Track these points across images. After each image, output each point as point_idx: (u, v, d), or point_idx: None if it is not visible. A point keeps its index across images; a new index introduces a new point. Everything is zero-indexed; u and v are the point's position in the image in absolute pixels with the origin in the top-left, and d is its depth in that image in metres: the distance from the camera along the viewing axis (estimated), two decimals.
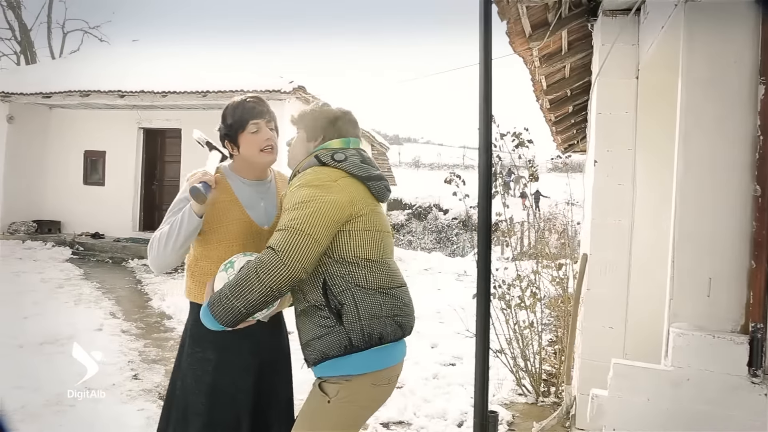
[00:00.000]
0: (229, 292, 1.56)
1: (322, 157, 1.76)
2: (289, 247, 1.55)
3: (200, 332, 1.84)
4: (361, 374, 1.65)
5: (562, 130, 7.59)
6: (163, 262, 1.80)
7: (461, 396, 3.85)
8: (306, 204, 1.61)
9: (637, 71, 2.78)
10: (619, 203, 2.84)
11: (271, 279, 1.53)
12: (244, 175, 1.96)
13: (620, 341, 2.83)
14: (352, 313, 1.63)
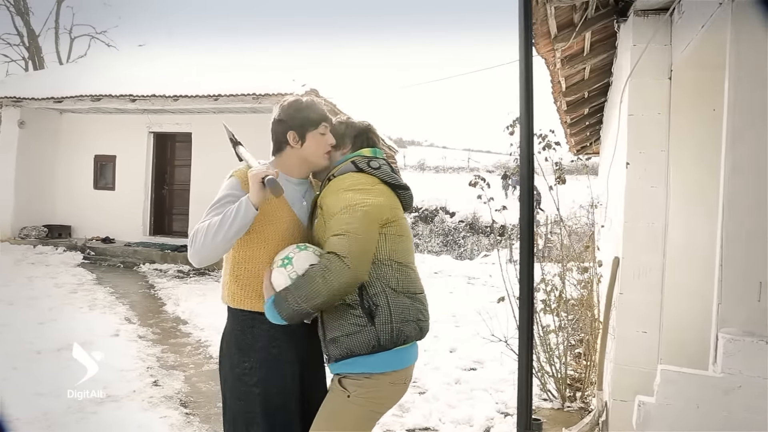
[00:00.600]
0: (297, 295, 1.63)
1: (359, 163, 1.86)
2: (352, 252, 1.62)
3: (247, 342, 1.84)
4: (382, 373, 1.72)
5: (577, 132, 7.56)
6: (208, 253, 1.73)
7: (486, 401, 3.80)
8: (355, 207, 1.69)
9: (670, 72, 2.73)
10: (651, 205, 2.79)
11: (338, 283, 1.61)
12: (291, 173, 1.94)
13: (654, 346, 2.78)
14: (384, 315, 1.70)
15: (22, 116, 10.41)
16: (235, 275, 1.86)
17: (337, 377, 1.77)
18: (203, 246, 1.71)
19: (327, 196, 1.80)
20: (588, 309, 3.89)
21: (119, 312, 6.13)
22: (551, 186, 3.55)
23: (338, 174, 1.86)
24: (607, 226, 3.84)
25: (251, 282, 1.83)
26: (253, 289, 1.83)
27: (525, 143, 1.94)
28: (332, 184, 1.83)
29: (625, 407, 2.83)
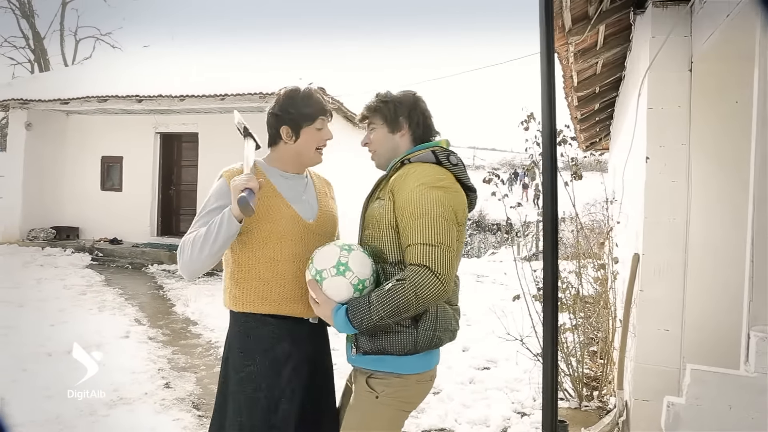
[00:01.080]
0: (383, 310, 1.52)
1: (439, 155, 1.70)
2: (443, 265, 1.53)
3: (250, 346, 1.78)
4: (411, 373, 1.65)
5: (586, 128, 7.49)
6: (197, 267, 1.69)
7: (502, 401, 3.75)
8: (441, 213, 1.57)
9: (690, 64, 2.67)
10: (673, 201, 2.73)
11: (430, 300, 1.53)
12: (285, 168, 1.87)
13: (677, 344, 2.72)
14: (430, 322, 1.62)
15: (29, 118, 10.42)
16: (235, 278, 1.80)
17: (363, 376, 1.68)
18: (191, 260, 1.68)
19: (405, 187, 1.61)
20: (604, 307, 3.83)
21: (129, 313, 6.11)
22: (567, 182, 3.49)
23: (415, 160, 1.69)
24: (624, 223, 3.78)
25: (252, 284, 1.77)
26: (254, 290, 1.77)
27: (548, 139, 1.88)
28: (411, 174, 1.63)
29: (647, 407, 2.78)
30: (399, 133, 1.77)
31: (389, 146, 1.78)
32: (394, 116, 1.76)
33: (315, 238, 1.82)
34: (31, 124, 10.44)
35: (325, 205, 1.94)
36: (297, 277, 1.77)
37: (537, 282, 3.66)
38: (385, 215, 1.65)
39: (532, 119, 3.55)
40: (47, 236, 10.41)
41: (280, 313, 1.78)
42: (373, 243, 1.69)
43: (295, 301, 1.78)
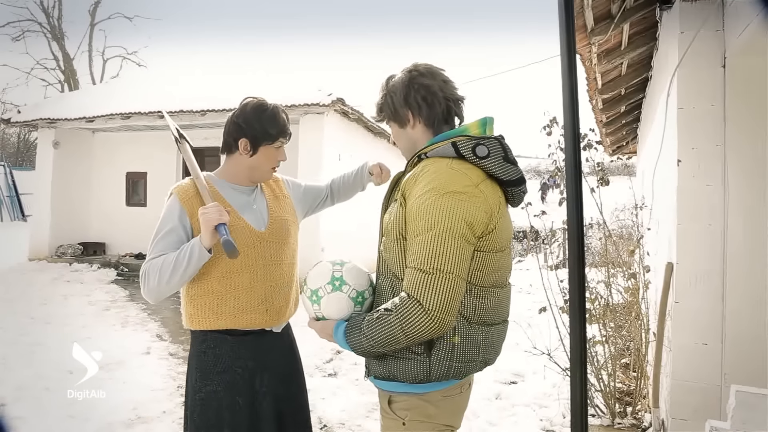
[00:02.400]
0: (373, 340, 1.35)
1: (461, 147, 1.40)
2: (436, 298, 1.28)
3: (207, 365, 1.73)
4: (432, 391, 1.43)
5: (612, 132, 7.28)
6: (164, 293, 1.68)
7: (529, 417, 3.59)
8: (446, 228, 1.30)
9: (723, 59, 2.51)
10: (708, 206, 2.56)
11: (421, 334, 1.30)
12: (235, 180, 1.85)
13: (717, 359, 2.54)
14: (446, 349, 1.38)
15: (56, 137, 10.63)
16: (189, 296, 1.75)
17: (383, 399, 1.49)
18: (158, 286, 1.65)
19: (414, 188, 1.38)
20: (636, 318, 3.64)
21: (150, 329, 6.10)
22: (593, 188, 3.33)
23: (432, 155, 1.42)
24: (655, 229, 3.60)
25: (207, 300, 1.73)
26: (209, 307, 1.72)
27: (571, 143, 1.76)
28: (422, 175, 1.38)
29: (685, 426, 2.60)
30: (408, 126, 1.52)
31: (406, 143, 1.55)
32: (395, 110, 1.52)
33: (268, 246, 1.80)
34: (58, 143, 10.65)
35: (277, 211, 1.90)
36: (251, 288, 1.74)
37: (564, 292, 3.49)
38: (396, 223, 1.40)
39: (554, 124, 3.41)
40: (75, 252, 10.57)
41: (237, 327, 1.73)
42: (386, 254, 1.45)
43: (251, 311, 1.74)
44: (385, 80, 1.56)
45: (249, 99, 1.85)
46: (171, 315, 6.93)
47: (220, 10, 42.33)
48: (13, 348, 4.95)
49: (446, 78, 1.52)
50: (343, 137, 9.23)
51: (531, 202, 3.55)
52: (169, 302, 7.66)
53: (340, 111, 8.68)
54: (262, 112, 1.80)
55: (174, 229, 1.71)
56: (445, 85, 1.50)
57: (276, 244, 1.83)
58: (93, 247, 10.88)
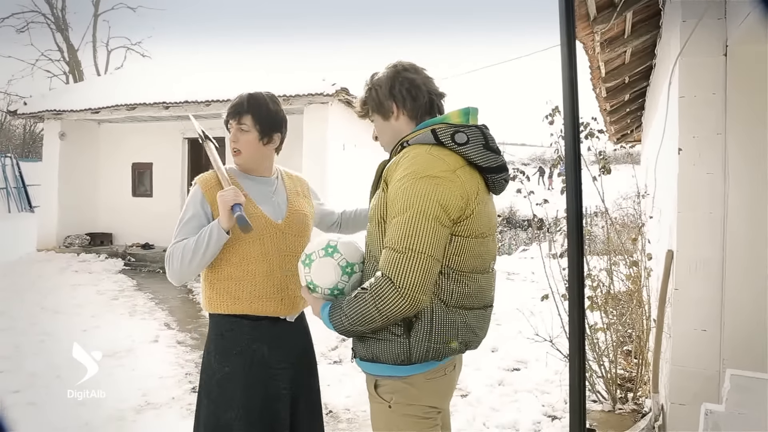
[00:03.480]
0: (352, 319, 1.40)
1: (440, 134, 1.46)
2: (407, 276, 1.32)
3: (226, 346, 1.81)
4: (414, 374, 1.48)
5: (617, 120, 7.26)
6: (187, 275, 1.77)
7: (532, 404, 3.64)
8: (420, 210, 1.35)
9: (725, 48, 2.52)
10: (708, 194, 2.58)
11: (395, 313, 1.35)
12: (249, 172, 1.93)
13: (715, 345, 2.57)
14: (423, 331, 1.42)
15: (62, 128, 10.69)
16: (209, 280, 1.84)
17: (370, 383, 1.55)
18: (180, 269, 1.75)
19: (394, 174, 1.44)
20: (638, 305, 3.67)
21: (158, 318, 6.19)
22: (595, 177, 3.35)
23: (413, 142, 1.48)
24: (657, 217, 3.62)
25: (225, 285, 1.81)
26: (227, 291, 1.80)
27: (570, 131, 1.78)
28: (403, 160, 1.44)
29: (684, 411, 2.64)
30: (392, 117, 1.58)
31: (390, 135, 1.60)
32: (379, 102, 1.59)
33: (284, 238, 1.86)
34: (64, 134, 10.71)
35: (296, 204, 1.96)
36: (267, 276, 1.81)
37: (566, 280, 3.53)
38: (377, 208, 1.47)
39: (557, 113, 3.42)
40: (82, 243, 10.67)
41: (253, 312, 1.80)
42: (369, 239, 1.52)
43: (267, 299, 1.80)
44: (369, 77, 1.64)
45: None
46: (178, 304, 7.02)
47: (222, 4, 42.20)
48: (24, 337, 5.04)
49: (429, 75, 1.60)
50: (347, 127, 9.24)
51: (534, 191, 3.59)
52: (176, 291, 7.76)
53: (344, 101, 8.68)
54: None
55: (196, 215, 1.80)
56: (428, 80, 1.58)
57: (292, 236, 1.89)
58: (100, 238, 10.98)
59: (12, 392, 3.60)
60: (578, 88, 1.86)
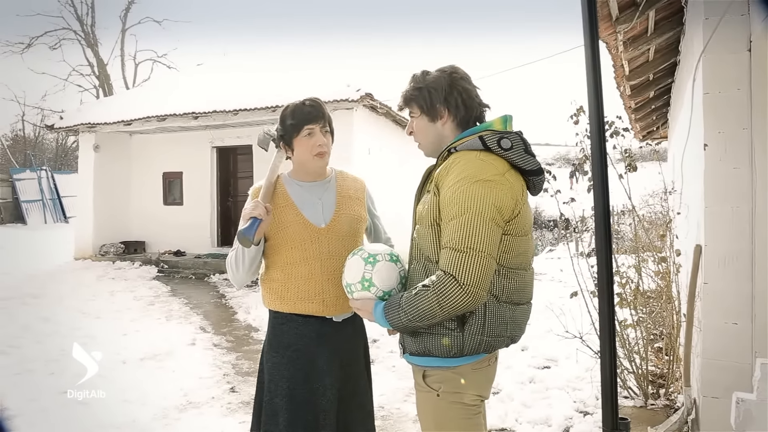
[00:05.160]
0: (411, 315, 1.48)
1: (487, 140, 1.54)
2: (470, 274, 1.42)
3: (277, 339, 1.95)
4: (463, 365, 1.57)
5: (642, 117, 7.23)
6: (241, 280, 1.94)
7: (563, 400, 3.68)
8: (478, 211, 1.44)
9: (749, 43, 2.55)
10: (735, 188, 2.61)
11: (455, 309, 1.45)
12: (300, 177, 2.02)
13: (747, 338, 2.59)
14: (477, 325, 1.52)
15: (96, 141, 11.06)
16: (262, 280, 2.00)
17: (418, 374, 1.63)
18: (233, 277, 1.94)
19: (446, 181, 1.51)
20: (667, 301, 3.69)
21: (194, 322, 6.38)
22: (621, 174, 3.39)
23: (462, 148, 1.56)
24: (684, 213, 3.63)
25: (272, 286, 1.95)
26: (275, 292, 1.94)
27: (595, 130, 1.85)
28: (453, 167, 1.52)
29: (717, 404, 2.66)
30: (440, 122, 1.65)
31: (433, 136, 1.67)
32: (431, 104, 1.64)
33: (327, 242, 1.93)
34: (98, 146, 11.08)
35: (345, 208, 2.01)
36: (309, 279, 1.90)
37: (594, 278, 3.56)
38: (430, 211, 1.55)
39: (582, 112, 3.47)
40: (117, 251, 11.01)
41: (297, 312, 1.92)
42: (420, 241, 1.61)
43: (310, 300, 1.91)
44: (420, 74, 1.68)
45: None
46: (212, 309, 7.21)
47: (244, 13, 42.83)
48: (69, 340, 5.24)
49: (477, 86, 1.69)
50: (372, 131, 9.37)
51: (560, 190, 3.64)
52: (209, 297, 7.97)
53: (369, 106, 8.81)
54: (283, 112, 1.98)
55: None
56: (478, 92, 1.68)
57: (336, 239, 1.94)
58: (134, 246, 11.30)
59: (62, 393, 3.78)
60: (602, 87, 1.94)
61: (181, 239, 11.02)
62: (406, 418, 3.57)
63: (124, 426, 3.44)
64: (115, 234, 11.32)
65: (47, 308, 6.82)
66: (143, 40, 32.13)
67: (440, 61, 1.74)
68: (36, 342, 5.31)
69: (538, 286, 6.55)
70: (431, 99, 1.63)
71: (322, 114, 1.96)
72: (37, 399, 3.83)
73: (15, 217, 17.91)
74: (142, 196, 11.66)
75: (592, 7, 1.93)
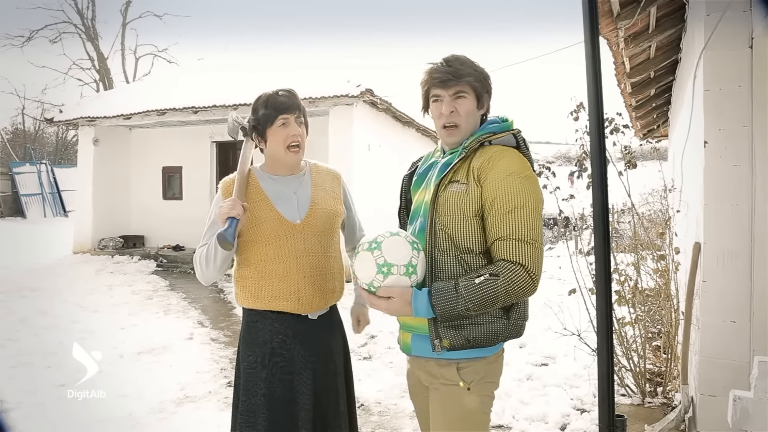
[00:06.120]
0: (471, 301, 1.46)
1: (519, 138, 1.64)
2: (536, 263, 1.49)
3: (251, 337, 1.89)
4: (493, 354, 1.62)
5: (643, 115, 7.21)
6: (209, 278, 1.88)
7: (560, 398, 3.67)
8: (533, 206, 1.52)
9: (750, 40, 2.53)
10: (735, 185, 2.60)
11: (519, 296, 1.51)
12: (273, 171, 1.94)
13: (745, 336, 2.59)
14: (520, 311, 1.60)
15: (96, 134, 11.04)
16: (235, 277, 1.93)
17: (450, 367, 1.58)
18: (202, 274, 1.88)
19: (494, 174, 1.53)
20: (666, 299, 3.68)
21: (192, 316, 6.38)
22: (620, 172, 3.38)
23: (497, 143, 1.61)
24: (684, 211, 3.62)
25: (246, 283, 1.88)
26: (249, 290, 1.87)
27: (595, 126, 1.84)
28: (499, 160, 1.55)
29: (714, 402, 2.66)
30: (480, 110, 1.66)
31: (473, 123, 1.65)
32: (485, 92, 1.66)
33: (303, 238, 1.87)
34: (98, 140, 11.06)
35: (320, 202, 1.93)
36: (285, 277, 1.84)
37: (593, 275, 3.56)
38: (470, 203, 1.54)
39: (581, 109, 3.46)
40: (116, 245, 11.00)
41: (272, 309, 1.86)
42: (452, 231, 1.56)
43: (285, 299, 1.84)
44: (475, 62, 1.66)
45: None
46: (210, 303, 7.21)
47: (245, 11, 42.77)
48: (67, 334, 5.25)
49: None
50: (372, 127, 9.35)
51: (559, 186, 3.63)
52: (207, 291, 7.96)
53: (369, 102, 8.79)
54: (256, 102, 1.89)
55: (216, 220, 1.86)
56: None
57: (311, 235, 1.88)
58: (133, 240, 11.30)
59: (60, 386, 3.78)
60: (602, 84, 1.92)
61: (180, 234, 11.01)
62: (403, 414, 3.57)
63: (121, 419, 3.43)
64: (114, 228, 11.31)
65: (45, 301, 6.81)
66: (144, 34, 32.12)
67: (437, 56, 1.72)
68: (34, 335, 5.31)
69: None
70: (485, 86, 1.65)
71: (296, 104, 1.88)
72: (34, 392, 3.83)
73: (14, 211, 17.90)
74: (141, 191, 11.65)
75: (592, 3, 1.92)
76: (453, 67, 1.61)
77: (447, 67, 1.61)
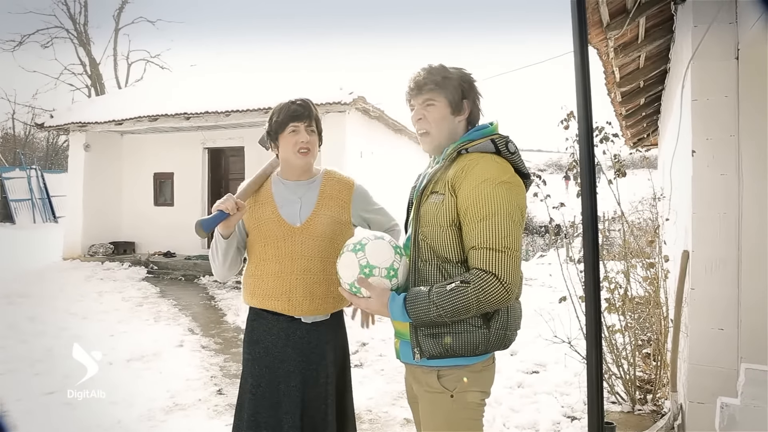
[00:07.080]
0: (443, 309, 1.46)
1: (498, 143, 1.58)
2: (509, 272, 1.46)
3: (249, 335, 2.00)
4: (478, 362, 1.59)
5: (632, 124, 7.28)
6: (219, 274, 1.98)
7: (551, 405, 3.68)
8: (507, 213, 1.49)
9: (736, 51, 2.58)
10: (723, 194, 2.63)
11: (492, 305, 1.47)
12: (286, 176, 2.03)
13: (733, 344, 2.62)
14: (503, 320, 1.55)
15: (87, 140, 10.97)
16: (243, 275, 2.04)
17: (431, 374, 1.59)
18: (214, 269, 1.99)
19: (467, 183, 1.52)
20: (656, 307, 3.71)
21: (182, 323, 6.33)
22: (610, 180, 3.41)
23: (474, 150, 1.58)
24: (673, 219, 3.66)
25: (248, 281, 1.99)
26: (248, 287, 1.99)
27: (584, 136, 1.86)
28: (473, 168, 1.53)
29: (702, 409, 2.68)
30: (459, 117, 1.65)
31: (447, 130, 1.65)
32: (459, 98, 1.64)
33: (301, 241, 1.94)
34: (89, 146, 10.99)
35: (324, 208, 1.99)
36: (279, 276, 1.92)
37: (583, 282, 3.58)
38: (445, 213, 1.55)
39: (572, 117, 3.49)
40: (106, 251, 10.92)
41: (266, 308, 1.94)
42: (431, 241, 1.58)
43: (276, 298, 1.92)
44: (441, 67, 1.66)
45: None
46: (201, 310, 7.16)
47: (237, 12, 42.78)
48: (56, 341, 5.20)
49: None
50: (364, 134, 9.37)
51: (550, 194, 3.65)
52: (198, 298, 7.93)
53: (362, 109, 8.82)
54: (273, 110, 1.99)
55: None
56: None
57: (310, 239, 1.93)
58: (123, 246, 11.22)
59: (48, 393, 3.74)
60: (591, 93, 1.94)
61: (172, 240, 10.95)
62: (393, 421, 3.56)
63: (110, 427, 3.40)
64: (104, 234, 11.23)
65: (34, 308, 6.74)
66: (136, 40, 32.03)
67: (440, 61, 1.73)
68: (21, 342, 5.25)
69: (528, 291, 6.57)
70: (462, 92, 1.65)
71: (308, 113, 1.97)
72: (22, 399, 3.79)
73: (3, 216, 17.73)
74: (132, 197, 11.59)
75: (581, 11, 1.94)
76: (421, 76, 1.65)
77: (417, 77, 1.66)
